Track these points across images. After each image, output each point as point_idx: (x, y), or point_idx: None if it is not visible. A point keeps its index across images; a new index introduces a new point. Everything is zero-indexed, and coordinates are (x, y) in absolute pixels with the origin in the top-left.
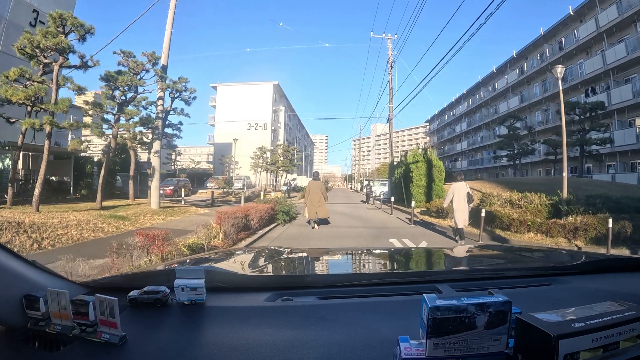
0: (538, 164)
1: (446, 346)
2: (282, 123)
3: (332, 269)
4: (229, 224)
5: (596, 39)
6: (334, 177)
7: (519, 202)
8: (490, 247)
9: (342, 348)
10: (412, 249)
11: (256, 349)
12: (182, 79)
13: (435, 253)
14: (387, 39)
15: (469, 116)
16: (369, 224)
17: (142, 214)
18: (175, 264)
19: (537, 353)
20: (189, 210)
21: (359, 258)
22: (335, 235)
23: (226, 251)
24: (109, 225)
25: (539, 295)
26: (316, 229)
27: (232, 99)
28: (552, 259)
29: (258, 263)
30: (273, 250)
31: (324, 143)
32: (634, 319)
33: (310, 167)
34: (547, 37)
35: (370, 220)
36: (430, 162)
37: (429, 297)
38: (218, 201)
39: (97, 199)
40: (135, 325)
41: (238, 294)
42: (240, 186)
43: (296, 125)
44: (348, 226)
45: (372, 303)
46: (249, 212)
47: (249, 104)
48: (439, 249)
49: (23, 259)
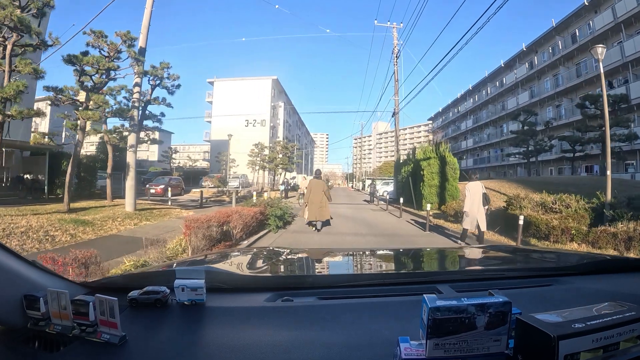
0: (550, 162)
1: (446, 347)
2: (281, 120)
3: (332, 270)
4: (199, 236)
5: (613, 30)
6: (334, 175)
7: (552, 205)
8: (490, 248)
9: (342, 348)
10: (412, 249)
11: (256, 349)
12: (164, 64)
13: (435, 253)
14: (392, 28)
15: (475, 113)
16: (377, 230)
17: (112, 218)
18: (176, 265)
19: (537, 354)
20: (170, 212)
21: (359, 258)
22: (338, 245)
23: (226, 251)
24: (64, 234)
25: (539, 296)
26: (315, 238)
27: (229, 95)
28: (552, 259)
29: (258, 263)
30: (273, 250)
31: (325, 142)
32: (634, 320)
33: (310, 165)
34: (560, 29)
35: (378, 225)
36: (444, 158)
37: (429, 298)
38: (210, 201)
39: (65, 199)
40: (135, 326)
41: (238, 295)
42: (236, 185)
43: (296, 123)
44: (353, 233)
45: (372, 303)
46: (229, 218)
47: (247, 100)
48: (439, 249)
49: (23, 258)
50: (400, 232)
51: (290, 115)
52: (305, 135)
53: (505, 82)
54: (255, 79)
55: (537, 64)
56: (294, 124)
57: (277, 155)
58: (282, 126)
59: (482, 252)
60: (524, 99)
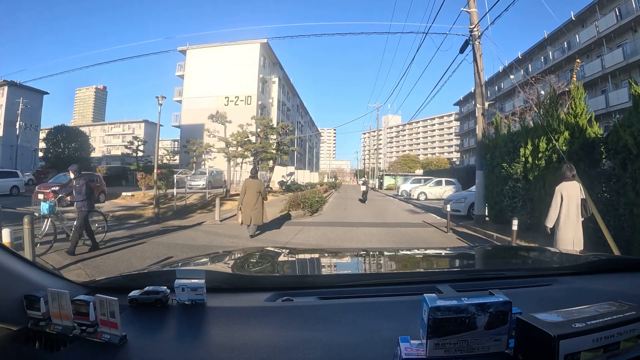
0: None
1: (446, 346)
2: (274, 99)
3: (332, 270)
4: None
5: None
6: (342, 172)
7: None
8: (490, 248)
9: (343, 348)
10: (412, 250)
11: (256, 349)
12: None
13: (435, 253)
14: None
15: (514, 95)
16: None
17: None
18: (176, 265)
19: (537, 353)
20: None
21: (359, 258)
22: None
23: (226, 251)
24: None
25: (540, 296)
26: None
27: (206, 67)
28: (553, 259)
29: (258, 263)
30: (273, 250)
31: (332, 137)
32: (634, 319)
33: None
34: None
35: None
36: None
37: (430, 298)
38: (112, 218)
39: None
40: (135, 326)
41: (238, 294)
42: (201, 184)
43: (296, 108)
44: None
45: (372, 303)
46: None
47: (229, 73)
48: (439, 249)
49: (23, 259)
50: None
51: (288, 96)
52: (310, 125)
53: (579, 41)
54: (239, 44)
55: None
56: (294, 108)
57: (248, 135)
58: (277, 107)
59: (482, 252)
60: (617, 59)
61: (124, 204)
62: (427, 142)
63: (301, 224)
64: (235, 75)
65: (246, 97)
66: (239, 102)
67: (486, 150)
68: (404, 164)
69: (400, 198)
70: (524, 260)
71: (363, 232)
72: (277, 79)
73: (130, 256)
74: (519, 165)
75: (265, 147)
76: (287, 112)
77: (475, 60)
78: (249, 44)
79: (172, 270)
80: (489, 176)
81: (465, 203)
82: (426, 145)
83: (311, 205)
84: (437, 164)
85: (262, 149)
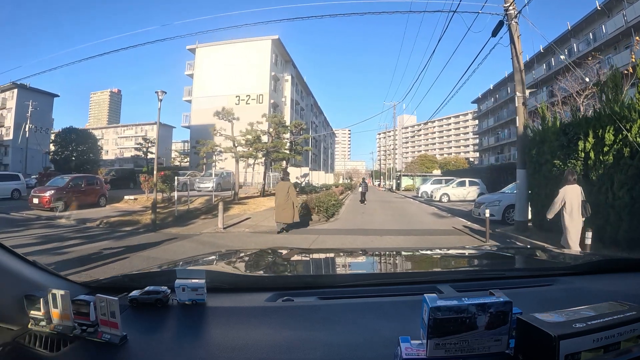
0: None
1: (447, 346)
2: (287, 98)
3: (332, 270)
4: None
5: None
6: (358, 173)
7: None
8: (491, 248)
9: (343, 348)
10: (412, 250)
11: (257, 349)
12: None
13: (436, 253)
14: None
15: (548, 83)
16: None
17: None
18: (177, 265)
19: (538, 353)
20: None
21: (360, 258)
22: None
23: (227, 252)
24: None
25: (540, 296)
26: None
27: (215, 65)
28: (553, 259)
29: (259, 263)
30: (273, 250)
31: (347, 138)
32: (635, 320)
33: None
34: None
35: None
36: None
37: (430, 298)
38: (105, 225)
39: None
40: (136, 326)
41: (239, 294)
42: (210, 186)
43: (310, 107)
44: None
45: (372, 303)
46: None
47: (240, 71)
48: (440, 249)
49: (24, 259)
50: None
51: (302, 96)
52: (324, 125)
53: (606, 32)
54: (249, 41)
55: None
56: (308, 108)
57: (259, 133)
58: (290, 107)
59: (483, 252)
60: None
61: (125, 208)
62: (443, 142)
63: (315, 231)
64: (246, 73)
65: (258, 96)
66: (251, 100)
67: (531, 145)
68: (422, 164)
69: (421, 200)
70: (525, 260)
71: (388, 242)
72: (290, 77)
73: (101, 275)
74: (577, 163)
75: (278, 147)
76: (300, 112)
77: (512, 43)
78: (260, 41)
79: (172, 270)
80: (534, 175)
81: (500, 206)
82: (442, 145)
83: (327, 209)
84: (455, 163)
85: (273, 148)
